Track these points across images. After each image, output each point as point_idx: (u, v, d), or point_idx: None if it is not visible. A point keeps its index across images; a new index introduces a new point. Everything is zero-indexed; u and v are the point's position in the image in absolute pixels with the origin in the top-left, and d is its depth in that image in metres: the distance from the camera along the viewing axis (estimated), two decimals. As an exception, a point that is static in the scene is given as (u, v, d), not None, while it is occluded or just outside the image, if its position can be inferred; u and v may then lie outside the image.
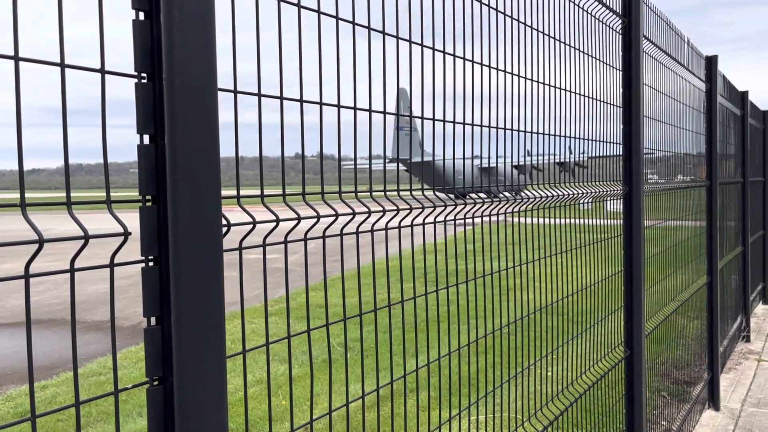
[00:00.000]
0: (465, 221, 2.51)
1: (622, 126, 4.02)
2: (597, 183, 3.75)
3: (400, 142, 2.17)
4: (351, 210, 1.82)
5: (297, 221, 1.58)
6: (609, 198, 3.92)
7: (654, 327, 4.73)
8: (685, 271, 5.99)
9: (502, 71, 2.62)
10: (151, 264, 1.28)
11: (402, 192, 2.06)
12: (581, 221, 3.65)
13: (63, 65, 1.12)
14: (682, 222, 5.95)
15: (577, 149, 3.51)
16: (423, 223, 2.17)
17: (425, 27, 2.08)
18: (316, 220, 1.67)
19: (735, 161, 8.84)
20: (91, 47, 1.21)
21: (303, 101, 1.61)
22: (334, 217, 1.75)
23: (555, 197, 3.18)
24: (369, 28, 1.85)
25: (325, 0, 1.66)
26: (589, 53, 3.55)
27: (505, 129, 2.73)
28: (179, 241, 1.24)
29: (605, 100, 3.77)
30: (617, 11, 3.89)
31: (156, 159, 1.26)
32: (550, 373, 3.16)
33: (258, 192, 1.54)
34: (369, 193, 1.91)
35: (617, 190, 3.98)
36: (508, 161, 2.74)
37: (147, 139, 1.27)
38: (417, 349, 2.28)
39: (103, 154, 1.24)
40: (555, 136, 3.19)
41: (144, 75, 1.26)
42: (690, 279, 6.16)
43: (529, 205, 2.99)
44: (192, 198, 1.25)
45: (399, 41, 1.98)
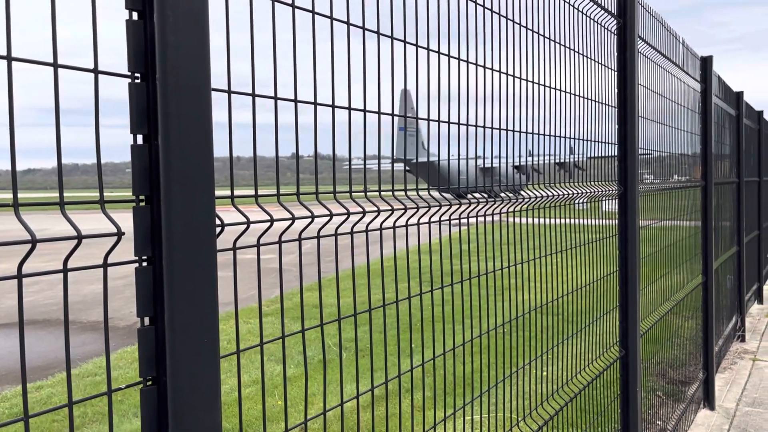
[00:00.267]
0: (460, 221, 2.52)
1: (617, 126, 4.03)
2: (593, 183, 3.76)
3: (399, 142, 2.18)
4: (345, 210, 1.82)
5: (291, 221, 1.59)
6: (605, 198, 3.93)
7: (649, 327, 4.74)
8: (681, 271, 6.00)
9: (497, 72, 2.62)
10: (145, 264, 1.28)
11: (397, 192, 2.06)
12: (577, 221, 3.66)
13: (56, 65, 1.12)
14: (677, 222, 5.96)
15: (575, 150, 3.52)
16: (418, 224, 2.17)
17: (424, 28, 2.08)
18: (310, 220, 1.67)
19: (730, 161, 8.86)
20: (89, 47, 1.21)
21: (297, 101, 1.61)
22: (328, 217, 1.76)
23: (551, 197, 3.19)
24: (363, 28, 1.85)
25: (320, 0, 1.67)
26: (585, 54, 3.56)
27: (507, 130, 2.74)
28: (173, 241, 1.24)
29: (600, 100, 3.77)
30: (612, 12, 3.90)
31: (150, 159, 1.26)
32: (545, 373, 3.17)
33: (252, 192, 1.54)
34: (364, 194, 1.92)
35: (613, 190, 3.99)
36: (507, 161, 2.75)
37: (141, 139, 1.27)
38: (412, 349, 2.29)
39: (97, 154, 1.24)
40: (552, 136, 3.20)
41: (137, 75, 1.26)
42: (685, 279, 6.18)
43: (525, 205, 2.99)
44: (186, 198, 1.25)
45: (394, 41, 1.98)
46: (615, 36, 4.00)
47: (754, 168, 11.30)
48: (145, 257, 1.28)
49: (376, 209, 1.91)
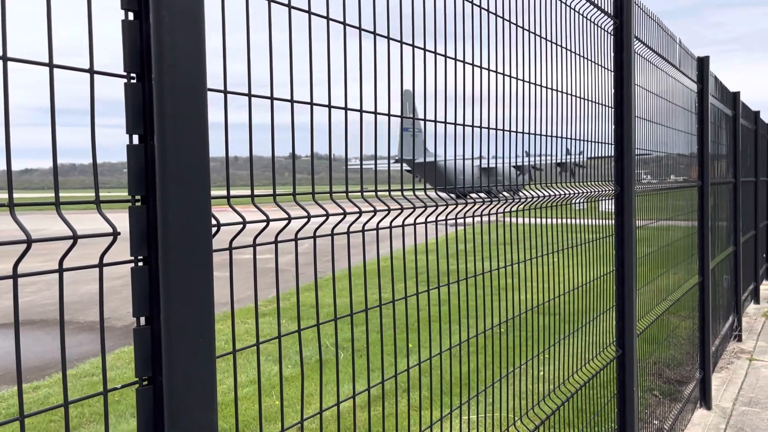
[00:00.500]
0: (456, 221, 2.52)
1: (613, 126, 4.04)
2: (590, 183, 3.77)
3: (404, 142, 2.19)
4: (342, 210, 1.83)
5: (287, 221, 1.59)
6: (601, 198, 3.94)
7: (646, 326, 4.75)
8: (677, 271, 6.01)
9: (493, 72, 2.63)
10: (141, 264, 1.28)
11: (393, 192, 2.07)
12: (575, 221, 3.67)
13: (52, 65, 1.12)
14: (674, 222, 5.97)
15: (573, 150, 3.53)
16: (414, 224, 2.17)
17: (426, 28, 2.09)
18: (306, 220, 1.67)
19: (726, 161, 8.88)
20: (86, 47, 1.21)
21: (293, 101, 1.61)
22: (324, 217, 1.76)
23: (548, 197, 3.19)
24: (360, 28, 1.85)
25: (317, 0, 1.67)
26: (582, 54, 3.57)
27: (504, 130, 2.74)
28: (169, 241, 1.24)
29: (597, 100, 3.78)
30: (609, 12, 3.91)
31: (145, 159, 1.26)
32: (542, 373, 3.17)
33: (248, 192, 1.54)
34: (360, 194, 1.92)
35: (609, 190, 3.99)
36: (507, 161, 2.75)
37: (136, 140, 1.27)
38: (408, 349, 2.29)
39: (92, 154, 1.24)
40: (550, 137, 3.21)
41: (133, 75, 1.26)
42: (682, 279, 6.19)
43: (522, 205, 2.99)
44: (181, 198, 1.25)
45: (390, 41, 1.98)
46: (611, 36, 4.00)
47: (750, 168, 11.33)
48: (141, 257, 1.28)
49: (372, 209, 1.91)
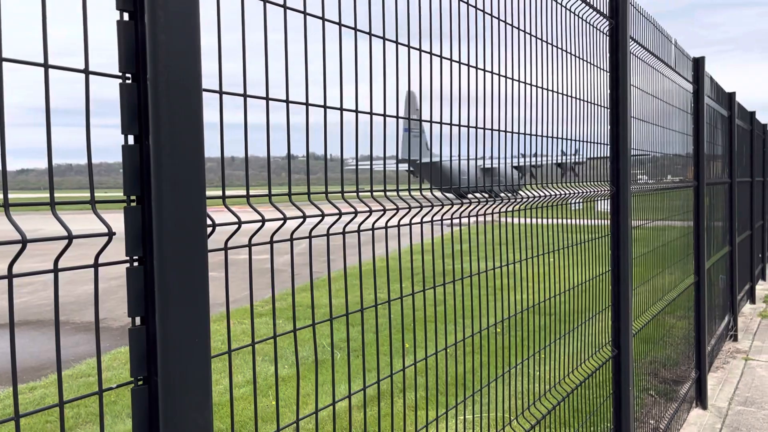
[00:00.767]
0: (452, 221, 2.53)
1: (609, 127, 4.05)
2: (586, 183, 3.78)
3: (404, 143, 2.19)
4: (338, 210, 1.83)
5: (282, 221, 1.59)
6: (598, 198, 3.95)
7: (642, 326, 4.76)
8: (673, 271, 6.02)
9: (489, 72, 2.63)
10: (136, 264, 1.28)
11: (390, 192, 2.07)
12: (572, 221, 3.67)
13: (47, 65, 1.12)
14: (670, 222, 5.98)
15: (570, 150, 3.53)
16: (410, 224, 2.18)
17: (424, 29, 2.09)
18: (302, 220, 1.67)
19: (722, 162, 8.90)
20: (82, 47, 1.21)
21: (289, 102, 1.61)
22: (320, 218, 1.76)
23: (545, 197, 3.20)
24: (355, 29, 1.85)
25: (313, 1, 1.67)
26: (578, 55, 3.58)
27: (502, 131, 2.75)
28: (164, 241, 1.24)
29: (593, 101, 3.79)
30: (604, 13, 3.92)
31: (141, 159, 1.27)
32: (538, 373, 3.18)
33: (244, 192, 1.54)
34: (356, 194, 1.92)
35: (605, 190, 4.00)
36: (505, 161, 2.76)
37: (132, 140, 1.27)
38: (404, 349, 2.29)
39: (87, 154, 1.24)
40: (547, 137, 3.21)
41: (128, 75, 1.26)
42: (678, 278, 6.20)
43: (519, 206, 3.00)
44: (177, 198, 1.25)
45: (386, 42, 1.98)
46: (607, 37, 4.01)
47: (746, 168, 11.36)
48: (136, 257, 1.28)
49: (368, 210, 1.91)
